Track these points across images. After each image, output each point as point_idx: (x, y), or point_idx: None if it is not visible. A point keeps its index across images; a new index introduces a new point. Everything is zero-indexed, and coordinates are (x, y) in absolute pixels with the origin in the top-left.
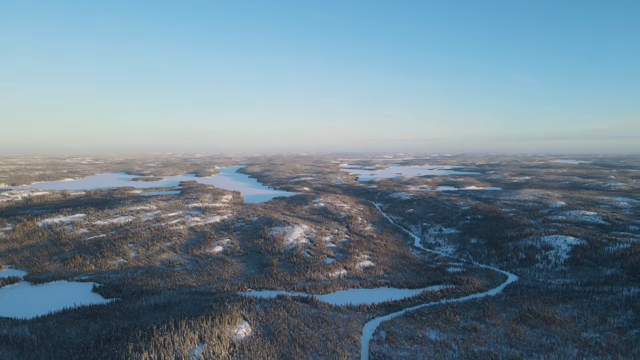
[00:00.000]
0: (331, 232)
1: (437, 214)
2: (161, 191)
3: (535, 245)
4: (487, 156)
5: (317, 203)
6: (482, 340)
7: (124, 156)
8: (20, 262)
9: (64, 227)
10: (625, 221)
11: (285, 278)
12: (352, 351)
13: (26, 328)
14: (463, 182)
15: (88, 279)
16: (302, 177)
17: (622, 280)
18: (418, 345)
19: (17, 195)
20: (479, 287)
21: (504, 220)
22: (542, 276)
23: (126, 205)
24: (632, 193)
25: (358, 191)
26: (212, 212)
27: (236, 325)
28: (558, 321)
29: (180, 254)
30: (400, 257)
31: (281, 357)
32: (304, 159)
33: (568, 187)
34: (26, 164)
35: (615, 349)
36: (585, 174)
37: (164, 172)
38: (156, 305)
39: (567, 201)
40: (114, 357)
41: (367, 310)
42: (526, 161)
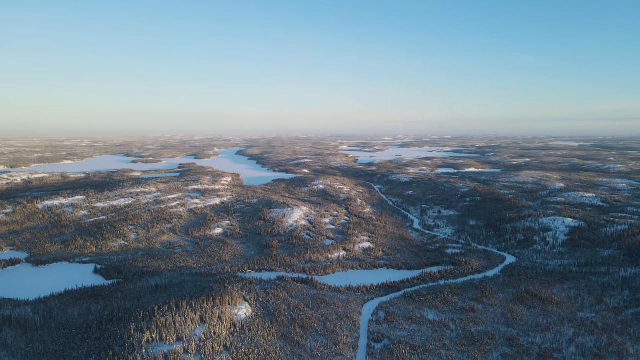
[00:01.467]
0: (330, 214)
1: (437, 196)
2: (160, 173)
3: (534, 226)
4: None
5: (316, 185)
6: (480, 320)
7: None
8: (21, 244)
9: (64, 210)
10: (624, 203)
11: (285, 259)
12: (352, 331)
13: (29, 309)
14: (462, 164)
15: (89, 260)
16: (302, 160)
17: (619, 261)
18: (416, 325)
19: (16, 177)
20: (477, 268)
21: (503, 202)
22: (540, 257)
23: (126, 187)
24: (631, 175)
25: (357, 173)
26: (212, 195)
27: (237, 306)
28: (555, 301)
29: (180, 236)
30: (400, 239)
31: (281, 337)
32: (304, 141)
33: (567, 169)
34: (25, 146)
35: (611, 328)
36: (585, 156)
37: (163, 155)
38: (157, 286)
39: (566, 183)
40: (116, 337)
41: (366, 291)
42: (526, 143)
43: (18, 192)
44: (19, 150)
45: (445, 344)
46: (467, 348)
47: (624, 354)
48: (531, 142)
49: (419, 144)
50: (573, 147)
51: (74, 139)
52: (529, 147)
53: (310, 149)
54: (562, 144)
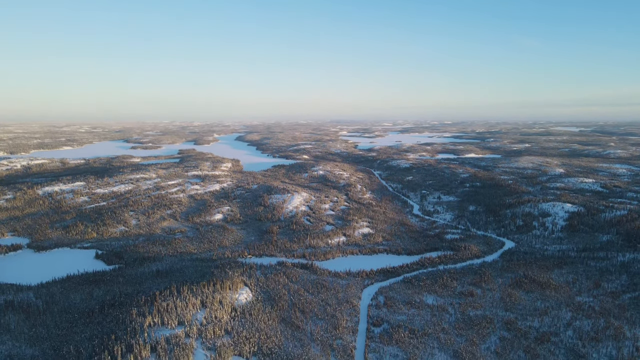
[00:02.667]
0: (330, 199)
1: (436, 182)
2: (160, 159)
3: (533, 212)
4: (487, 124)
5: (316, 171)
6: (478, 305)
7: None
8: (22, 229)
9: (65, 195)
10: (623, 188)
11: (285, 245)
12: (351, 315)
13: (31, 294)
14: (462, 150)
15: (90, 246)
16: (302, 145)
17: (618, 246)
18: (415, 309)
19: (16, 163)
20: (476, 253)
21: (503, 188)
22: (539, 242)
23: (126, 173)
24: (631, 160)
25: (357, 159)
26: (212, 180)
27: (237, 290)
28: (553, 286)
29: (180, 222)
30: (399, 224)
31: (282, 322)
32: (303, 126)
33: (567, 155)
34: (24, 132)
35: (608, 312)
36: (585, 142)
37: (163, 141)
38: (158, 271)
39: (566, 168)
40: (118, 322)
41: (365, 276)
42: (526, 128)
43: (18, 178)
44: (17, 136)
45: (443, 328)
46: (466, 332)
47: (620, 338)
48: (531, 128)
49: (419, 130)
50: (573, 133)
51: (72, 124)
52: (529, 132)
53: (310, 135)
54: (562, 129)
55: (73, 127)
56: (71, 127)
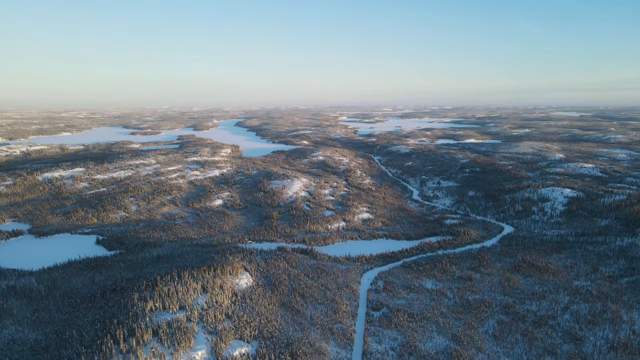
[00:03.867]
0: (330, 185)
1: (436, 167)
2: (160, 145)
3: (532, 197)
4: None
5: (316, 156)
6: (477, 289)
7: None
8: (23, 215)
9: (64, 181)
10: (623, 173)
11: (285, 230)
12: (351, 300)
13: (33, 279)
14: (462, 135)
15: (91, 231)
16: (301, 131)
17: (616, 230)
18: (415, 294)
19: (15, 149)
20: (476, 238)
21: (502, 173)
22: (538, 227)
23: (125, 159)
24: (631, 145)
25: (357, 144)
26: (212, 166)
27: (238, 275)
28: (551, 270)
29: (181, 208)
30: (399, 210)
31: (282, 306)
32: (303, 112)
33: (567, 140)
34: (22, 118)
35: (606, 296)
36: (586, 127)
37: (162, 126)
38: (159, 257)
39: (566, 154)
40: (120, 306)
41: (365, 261)
42: (527, 114)
43: (17, 164)
44: (16, 122)
45: (442, 312)
46: (464, 315)
47: (617, 321)
48: (532, 113)
49: (419, 115)
50: (574, 118)
51: (71, 110)
52: (530, 117)
53: (309, 120)
54: (563, 114)
55: (72, 113)
56: (70, 113)
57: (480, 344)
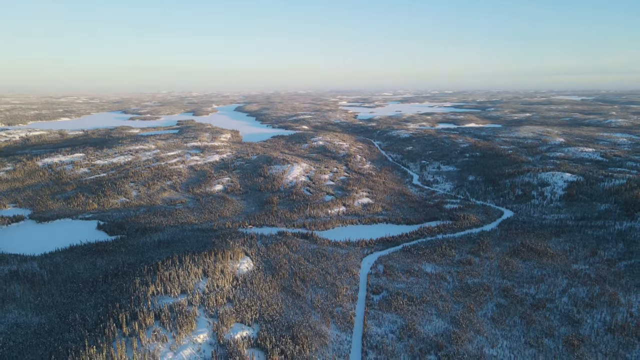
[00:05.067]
0: (330, 170)
1: (436, 152)
2: (159, 130)
3: (532, 181)
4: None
5: (316, 141)
6: (476, 273)
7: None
8: (23, 201)
9: (64, 167)
10: (623, 157)
11: (285, 215)
12: (351, 284)
13: (35, 264)
14: (463, 120)
15: (92, 217)
16: (301, 115)
17: (616, 215)
18: (414, 277)
19: (14, 135)
20: (475, 222)
21: (502, 158)
22: (537, 212)
23: (125, 144)
24: (632, 129)
25: (357, 129)
26: (211, 151)
27: (238, 260)
28: (550, 254)
29: (181, 193)
30: (399, 194)
31: (282, 290)
32: (303, 96)
33: (568, 124)
34: (21, 103)
35: (604, 279)
36: (587, 110)
37: (161, 111)
38: (160, 242)
39: (566, 138)
40: (122, 291)
41: (365, 245)
42: (527, 98)
43: (17, 149)
44: (15, 107)
45: (442, 295)
46: (463, 299)
47: (615, 304)
48: (533, 97)
49: (419, 99)
50: (575, 102)
51: (70, 95)
52: (530, 101)
53: (309, 105)
54: (564, 98)
55: (70, 98)
56: (68, 98)
57: (479, 327)
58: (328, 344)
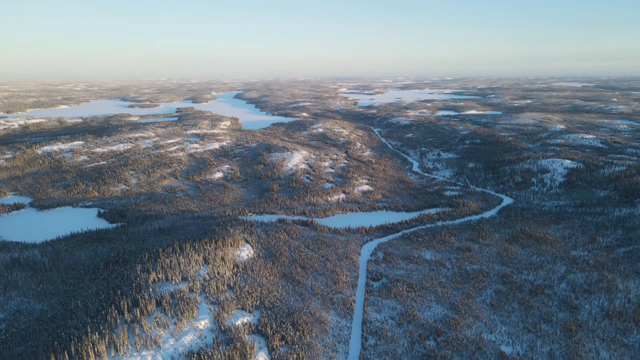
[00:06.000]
0: (330, 157)
1: (436, 139)
2: (158, 118)
3: (532, 168)
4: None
5: (315, 129)
6: (475, 259)
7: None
8: (23, 189)
9: (64, 155)
10: (623, 144)
11: (285, 202)
12: (351, 270)
13: (37, 251)
14: (463, 107)
15: (92, 204)
16: (301, 103)
17: (615, 201)
18: (414, 264)
19: (13, 122)
20: (475, 209)
21: (503, 145)
22: (537, 198)
23: (124, 132)
24: (633, 116)
25: (357, 116)
26: (211, 139)
27: (239, 247)
28: (549, 241)
29: (181, 180)
30: (399, 182)
31: (283, 277)
32: (302, 83)
33: (569, 111)
34: (19, 90)
35: (602, 266)
36: (588, 97)
37: (160, 99)
38: (160, 229)
39: (567, 125)
40: (123, 278)
41: (365, 232)
42: (528, 84)
43: (16, 137)
44: (13, 94)
45: (441, 282)
46: (462, 285)
47: (613, 290)
48: (533, 84)
49: (420, 86)
50: (576, 88)
51: (68, 83)
52: (531, 88)
53: (309, 92)
54: (564, 84)
55: (69, 86)
56: (67, 86)
57: (478, 313)
58: (328, 329)
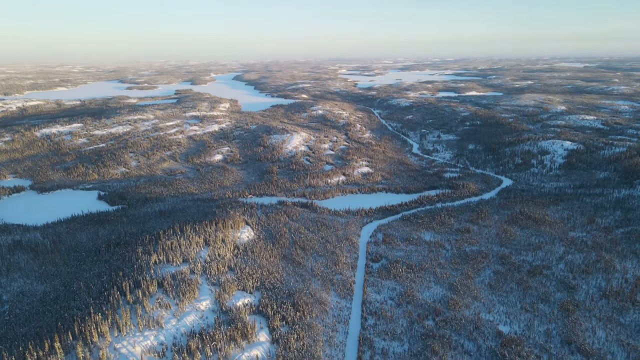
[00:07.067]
0: (330, 139)
1: (436, 121)
2: (157, 100)
3: (532, 150)
4: (490, 60)
5: (315, 110)
6: (474, 241)
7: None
8: (23, 171)
9: (63, 137)
10: (624, 125)
11: (285, 185)
12: (351, 252)
13: (38, 234)
14: (464, 88)
15: (92, 187)
16: (300, 84)
17: (614, 182)
18: (413, 245)
19: (11, 105)
20: (474, 191)
21: (503, 126)
22: (537, 180)
23: (123, 114)
24: (634, 97)
25: (357, 98)
26: (210, 121)
27: (239, 229)
28: (548, 222)
29: (180, 163)
30: (398, 164)
31: (283, 258)
32: (302, 65)
33: (570, 92)
34: (16, 72)
35: (600, 246)
36: (589, 78)
37: (159, 81)
38: (161, 211)
39: (568, 106)
40: (125, 260)
41: (364, 214)
42: (530, 65)
43: (14, 120)
44: (10, 77)
45: (440, 263)
46: (461, 266)
47: (610, 270)
48: (535, 64)
49: (420, 67)
50: (578, 69)
51: (65, 64)
52: (533, 69)
53: (308, 74)
54: (566, 65)
55: (66, 68)
56: (64, 68)
57: (477, 293)
58: (328, 310)
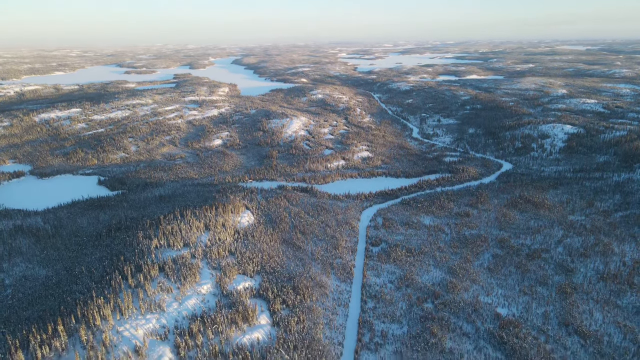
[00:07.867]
0: (330, 123)
1: (437, 105)
2: (156, 84)
3: (532, 134)
4: (491, 43)
5: (315, 95)
6: (474, 225)
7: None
8: (23, 156)
9: (62, 122)
10: (625, 109)
11: (285, 169)
12: (351, 236)
13: (39, 219)
14: (464, 71)
15: (92, 172)
16: (300, 68)
17: (614, 166)
18: (413, 229)
19: (9, 90)
20: (474, 175)
21: (503, 110)
22: (537, 164)
23: (121, 99)
24: (635, 80)
25: (357, 82)
26: (210, 106)
27: (239, 214)
28: (547, 206)
29: (180, 148)
30: (398, 148)
31: (283, 242)
32: (301, 48)
33: (571, 75)
34: (12, 57)
35: (599, 230)
36: (591, 61)
37: (157, 65)
38: (161, 196)
39: (569, 89)
40: (126, 244)
41: (364, 198)
42: (531, 48)
43: (13, 104)
44: (7, 61)
45: (439, 247)
46: (460, 250)
47: (608, 253)
48: (537, 47)
49: (421, 51)
50: (580, 52)
51: (62, 49)
52: (534, 52)
53: (308, 57)
54: (568, 48)
55: (63, 52)
56: (61, 52)
57: (475, 276)
58: (328, 293)
